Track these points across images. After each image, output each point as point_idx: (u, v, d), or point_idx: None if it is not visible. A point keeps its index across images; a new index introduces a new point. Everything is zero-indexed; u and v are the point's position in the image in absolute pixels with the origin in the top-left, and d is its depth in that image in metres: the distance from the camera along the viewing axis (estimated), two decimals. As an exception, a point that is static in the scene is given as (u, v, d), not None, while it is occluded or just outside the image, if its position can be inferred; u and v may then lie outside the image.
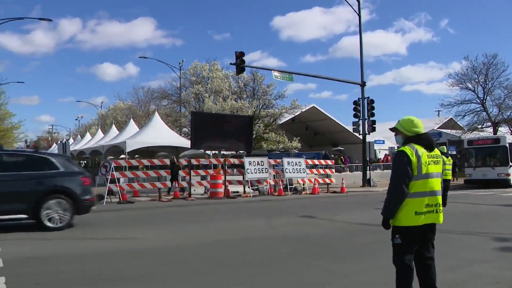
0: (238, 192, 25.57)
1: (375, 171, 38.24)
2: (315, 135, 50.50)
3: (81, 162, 56.57)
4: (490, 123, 41.98)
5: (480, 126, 42.24)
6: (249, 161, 24.62)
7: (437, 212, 4.91)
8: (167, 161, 25.00)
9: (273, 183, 25.88)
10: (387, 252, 5.28)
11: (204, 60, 44.33)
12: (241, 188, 25.86)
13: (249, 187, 24.84)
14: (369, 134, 32.29)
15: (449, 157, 17.80)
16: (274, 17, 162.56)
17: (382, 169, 40.67)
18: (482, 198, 21.60)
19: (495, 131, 40.39)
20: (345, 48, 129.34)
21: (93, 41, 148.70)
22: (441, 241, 5.78)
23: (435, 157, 4.99)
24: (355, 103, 32.20)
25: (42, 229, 11.89)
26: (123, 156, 34.61)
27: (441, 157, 5.17)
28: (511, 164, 28.35)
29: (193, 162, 24.79)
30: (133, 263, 8.13)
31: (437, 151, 5.07)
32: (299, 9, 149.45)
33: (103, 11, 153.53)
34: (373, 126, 31.82)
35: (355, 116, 32.12)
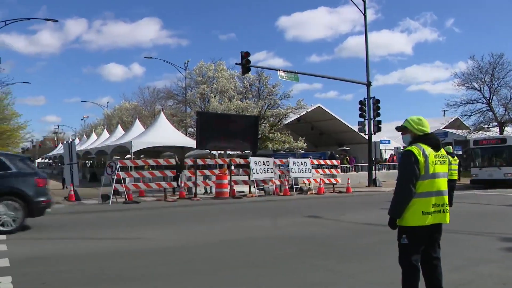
0: (243, 192, 25.57)
1: (381, 171, 38.12)
2: (320, 135, 50.40)
3: (87, 162, 56.87)
4: (496, 123, 41.74)
5: (486, 126, 42.02)
6: (255, 161, 24.61)
7: (443, 212, 4.89)
8: (172, 161, 24.99)
9: (278, 183, 25.88)
10: (393, 252, 5.27)
11: (209, 60, 44.44)
12: (246, 188, 25.85)
13: (254, 187, 24.84)
14: (374, 134, 32.26)
15: (455, 157, 17.72)
16: (279, 17, 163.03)
17: (387, 169, 40.57)
18: (488, 198, 21.52)
19: (502, 131, 40.19)
20: (350, 48, 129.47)
21: (99, 42, 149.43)
22: (447, 241, 5.75)
23: (441, 157, 4.98)
24: (361, 103, 32.17)
25: None
26: (128, 156, 34.62)
27: (447, 157, 5.16)
28: (517, 164, 28.26)
29: (199, 162, 24.79)
30: (138, 263, 8.14)
31: (443, 151, 5.06)
32: (304, 9, 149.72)
33: (108, 12, 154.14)
34: (379, 126, 31.79)
35: (361, 116, 32.09)
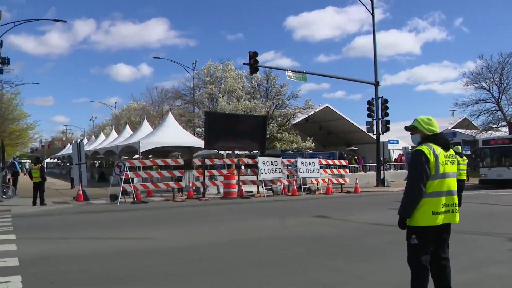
0: (252, 192, 25.58)
1: (389, 171, 38.06)
2: (328, 135, 50.31)
3: (95, 162, 57.06)
4: (505, 123, 41.51)
5: (495, 125, 41.82)
6: (263, 161, 24.63)
7: (453, 212, 4.87)
8: (181, 161, 25.03)
9: (286, 183, 25.86)
10: (401, 252, 5.26)
11: (217, 60, 44.32)
12: (255, 188, 25.87)
13: (263, 187, 24.85)
14: (383, 134, 32.18)
15: (464, 157, 17.63)
16: (287, 17, 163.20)
17: (396, 169, 40.48)
18: (496, 198, 21.40)
19: (511, 131, 39.99)
20: (358, 47, 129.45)
21: (107, 42, 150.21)
22: (455, 241, 5.72)
23: (451, 157, 4.96)
24: (369, 103, 32.10)
25: None
26: (137, 156, 34.76)
27: (455, 157, 5.14)
28: (527, 164, 28.11)
29: (207, 162, 24.81)
30: (147, 263, 8.16)
31: (451, 151, 5.05)
32: (312, 9, 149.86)
33: (117, 12, 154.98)
34: (387, 126, 31.71)
35: (369, 116, 32.02)
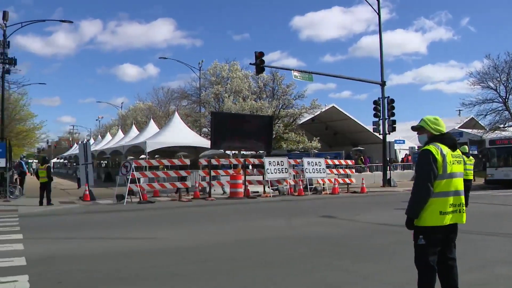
0: (258, 192, 25.59)
1: (396, 171, 38.00)
2: (335, 135, 50.26)
3: (102, 162, 57.21)
4: (512, 123, 41.34)
5: (502, 125, 41.56)
6: (269, 161, 24.64)
7: (460, 212, 4.85)
8: (187, 161, 25.08)
9: (293, 183, 25.85)
10: (408, 252, 5.24)
11: (223, 60, 44.36)
12: (261, 188, 25.88)
13: (269, 187, 24.85)
14: (389, 134, 32.12)
15: (470, 157, 17.56)
16: (293, 17, 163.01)
17: (402, 169, 40.38)
18: (503, 198, 21.31)
19: (518, 131, 39.79)
20: (364, 47, 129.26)
21: (113, 42, 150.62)
22: (462, 242, 5.70)
23: (458, 157, 4.95)
24: (375, 102, 32.05)
25: None
26: (143, 156, 34.81)
27: (462, 157, 5.12)
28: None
29: (213, 162, 24.82)
30: (154, 262, 8.17)
31: (458, 151, 5.03)
32: (318, 8, 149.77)
33: (123, 13, 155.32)
34: (393, 126, 31.66)
35: (375, 116, 31.97)
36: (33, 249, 9.32)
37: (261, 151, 29.62)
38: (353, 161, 33.15)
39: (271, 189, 24.76)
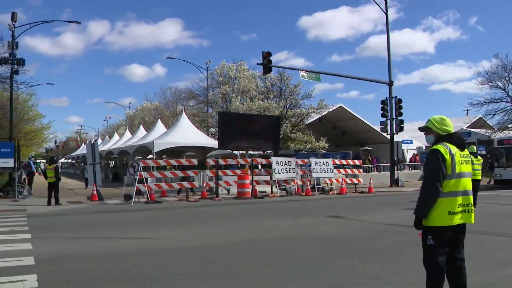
0: (265, 192, 25.58)
1: (403, 171, 37.90)
2: (342, 135, 50.16)
3: (109, 162, 57.36)
4: (521, 122, 41.11)
5: (510, 125, 41.38)
6: (277, 161, 24.62)
7: (469, 212, 4.82)
8: (194, 161, 25.10)
9: (300, 183, 25.83)
10: (416, 253, 5.23)
11: (231, 60, 44.40)
12: (268, 188, 25.87)
13: (276, 187, 24.84)
14: (397, 133, 32.04)
15: (478, 157, 17.44)
16: (300, 17, 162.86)
17: (410, 169, 40.26)
18: (511, 199, 21.19)
19: (527, 131, 39.57)
20: (372, 47, 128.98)
21: (121, 43, 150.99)
22: (470, 242, 5.65)
23: (466, 157, 4.92)
24: (383, 102, 31.98)
25: None
26: (150, 156, 34.90)
27: (470, 157, 5.10)
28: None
29: (221, 162, 24.83)
30: (161, 262, 8.19)
31: (466, 151, 5.00)
32: (325, 8, 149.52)
33: (130, 13, 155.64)
34: (401, 125, 31.58)
35: (383, 115, 31.90)
36: (42, 249, 9.36)
37: (268, 151, 29.62)
38: (361, 161, 33.07)
39: (279, 189, 24.74)
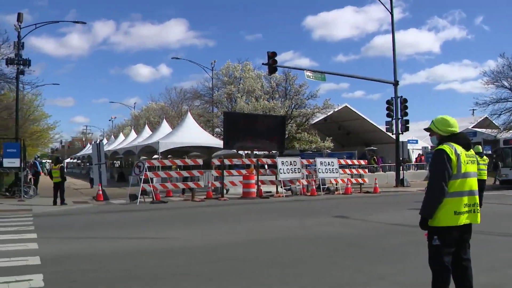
0: (270, 192, 25.58)
1: (409, 171, 37.80)
2: (347, 135, 50.08)
3: (115, 162, 57.47)
4: (527, 122, 40.95)
5: (516, 125, 41.26)
6: (282, 161, 24.63)
7: (475, 212, 4.81)
8: (200, 161, 25.13)
9: (305, 183, 25.83)
10: (422, 253, 5.21)
11: (236, 60, 44.36)
12: (273, 188, 25.86)
13: (281, 187, 24.83)
14: (402, 133, 31.95)
15: (484, 157, 17.37)
16: (306, 17, 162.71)
17: (415, 169, 40.16)
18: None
19: (533, 130, 39.41)
20: (377, 47, 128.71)
21: (126, 43, 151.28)
22: (476, 242, 5.64)
23: (471, 157, 4.91)
24: (388, 102, 31.92)
25: None
26: (156, 156, 34.96)
27: (475, 157, 5.08)
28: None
29: (226, 162, 24.84)
30: (166, 262, 8.20)
31: (472, 151, 4.99)
32: (331, 8, 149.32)
33: (136, 13, 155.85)
34: (407, 125, 31.49)
35: (388, 115, 31.85)
36: (47, 248, 9.39)
37: (273, 151, 29.61)
38: (366, 161, 33.01)
39: (284, 189, 24.74)
